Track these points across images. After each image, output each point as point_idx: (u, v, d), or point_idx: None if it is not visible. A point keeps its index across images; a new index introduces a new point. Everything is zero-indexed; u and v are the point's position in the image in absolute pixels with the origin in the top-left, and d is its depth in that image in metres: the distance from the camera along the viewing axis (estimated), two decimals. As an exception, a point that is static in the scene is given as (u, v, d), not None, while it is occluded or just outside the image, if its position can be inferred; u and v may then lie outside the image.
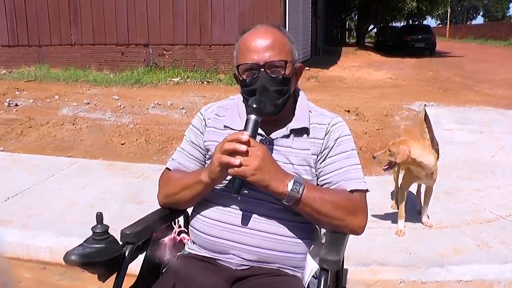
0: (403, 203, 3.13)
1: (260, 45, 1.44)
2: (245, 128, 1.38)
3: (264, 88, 1.43)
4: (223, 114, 1.60)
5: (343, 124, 1.57)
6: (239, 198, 1.46)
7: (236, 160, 1.32)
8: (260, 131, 1.50)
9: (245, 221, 1.45)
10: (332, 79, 10.87)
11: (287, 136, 1.52)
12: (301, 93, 1.61)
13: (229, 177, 1.41)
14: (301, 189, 1.36)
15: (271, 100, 1.43)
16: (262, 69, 1.42)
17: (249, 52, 1.45)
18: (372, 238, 2.97)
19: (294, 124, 1.52)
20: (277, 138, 1.51)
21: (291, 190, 1.35)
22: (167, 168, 1.63)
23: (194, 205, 1.58)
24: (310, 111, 1.57)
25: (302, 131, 1.52)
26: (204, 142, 1.58)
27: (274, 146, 1.48)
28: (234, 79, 1.51)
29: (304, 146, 1.51)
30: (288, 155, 1.49)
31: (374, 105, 6.95)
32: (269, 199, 1.45)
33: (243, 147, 1.32)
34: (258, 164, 1.32)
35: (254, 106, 1.39)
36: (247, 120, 1.40)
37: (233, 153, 1.33)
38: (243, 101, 1.56)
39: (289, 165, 1.47)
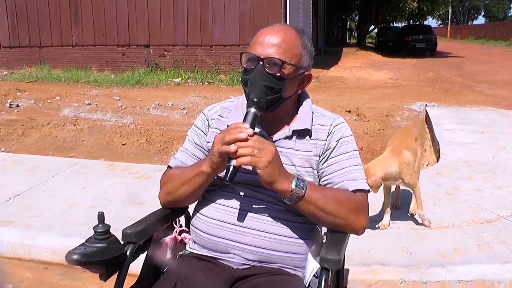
0: (388, 199, 3.26)
1: (268, 40, 1.45)
2: (244, 121, 1.38)
3: (255, 80, 1.43)
4: (226, 116, 1.60)
5: (345, 125, 1.57)
6: (238, 189, 1.46)
7: (232, 146, 1.31)
8: (262, 132, 1.51)
9: (246, 221, 1.46)
10: (332, 80, 10.88)
11: (289, 138, 1.52)
12: (308, 98, 1.61)
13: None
14: (304, 186, 1.37)
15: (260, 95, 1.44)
16: (261, 63, 1.43)
17: (256, 44, 1.46)
18: (372, 239, 2.97)
19: (296, 125, 1.52)
20: (279, 139, 1.52)
21: (295, 186, 1.35)
22: (168, 166, 1.63)
23: (195, 200, 1.58)
24: (312, 112, 1.57)
25: (304, 133, 1.52)
26: (207, 143, 1.58)
27: (277, 147, 1.48)
28: (235, 80, 1.52)
29: (307, 148, 1.51)
30: (291, 157, 1.49)
31: (375, 106, 6.96)
32: (271, 200, 1.46)
33: (243, 135, 1.31)
34: (272, 157, 1.32)
35: (255, 100, 1.40)
36: (247, 113, 1.39)
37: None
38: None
39: (291, 166, 1.48)
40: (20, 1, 11.25)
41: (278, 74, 1.43)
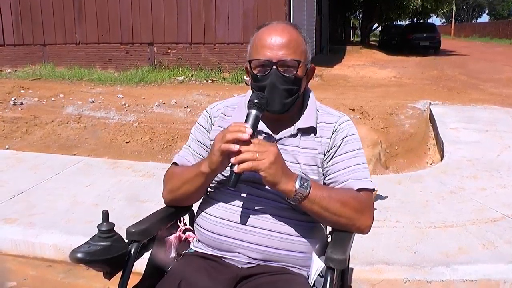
0: None
1: (275, 42, 1.43)
2: (245, 123, 1.37)
3: (274, 85, 1.42)
4: (230, 114, 1.60)
5: (350, 123, 1.56)
6: (244, 194, 1.46)
7: (236, 146, 1.30)
8: (267, 130, 1.50)
9: (251, 219, 1.45)
10: (336, 78, 10.85)
11: (294, 136, 1.51)
12: (311, 93, 1.61)
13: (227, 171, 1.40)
14: (308, 185, 1.36)
15: (280, 99, 1.43)
16: (275, 67, 1.42)
17: (263, 48, 1.44)
18: (376, 238, 2.96)
19: (301, 123, 1.52)
20: (284, 137, 1.51)
21: (299, 186, 1.34)
22: (172, 164, 1.63)
23: (197, 199, 1.57)
24: (317, 110, 1.56)
25: (309, 131, 1.51)
26: (210, 141, 1.58)
27: (282, 145, 1.47)
28: (238, 78, 1.51)
29: (312, 146, 1.50)
30: (295, 155, 1.49)
31: (378, 104, 6.93)
32: (275, 198, 1.45)
33: (245, 136, 1.31)
34: (274, 158, 1.31)
35: (256, 101, 1.38)
36: (248, 115, 1.38)
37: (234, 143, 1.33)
38: None
39: (296, 164, 1.47)
40: (24, -1, 11.27)
41: (293, 76, 1.42)
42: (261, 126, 1.49)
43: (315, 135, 1.52)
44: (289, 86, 1.43)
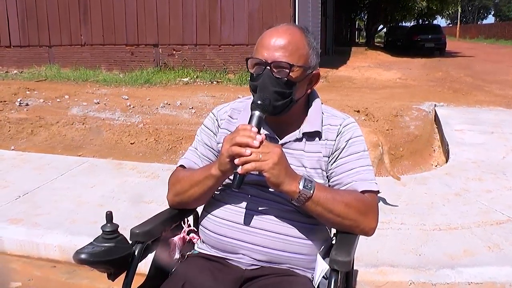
0: None
1: (274, 43, 1.42)
2: (249, 124, 1.37)
3: (265, 86, 1.41)
4: (236, 117, 1.59)
5: (354, 125, 1.55)
6: (248, 194, 1.46)
7: (247, 151, 1.30)
8: (272, 133, 1.50)
9: (255, 221, 1.45)
10: (341, 79, 10.84)
11: (299, 140, 1.50)
12: (317, 97, 1.59)
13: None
14: (312, 187, 1.35)
15: (271, 100, 1.42)
16: (268, 67, 1.41)
17: (262, 48, 1.43)
18: (381, 239, 2.95)
19: (306, 127, 1.51)
20: (289, 141, 1.50)
21: (303, 187, 1.34)
22: (178, 166, 1.62)
23: (204, 203, 1.57)
24: (322, 112, 1.56)
25: (314, 135, 1.51)
26: (217, 143, 1.57)
27: (287, 149, 1.46)
28: (243, 79, 1.50)
29: (316, 149, 1.50)
30: (301, 159, 1.48)
31: (383, 105, 6.92)
32: (280, 200, 1.45)
33: (256, 143, 1.30)
34: (278, 159, 1.31)
35: (259, 102, 1.38)
36: (251, 116, 1.38)
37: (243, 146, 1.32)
38: None
39: (301, 168, 1.47)
40: (30, 0, 11.32)
41: (286, 79, 1.41)
42: (266, 129, 1.48)
43: (320, 138, 1.51)
44: (280, 89, 1.41)
